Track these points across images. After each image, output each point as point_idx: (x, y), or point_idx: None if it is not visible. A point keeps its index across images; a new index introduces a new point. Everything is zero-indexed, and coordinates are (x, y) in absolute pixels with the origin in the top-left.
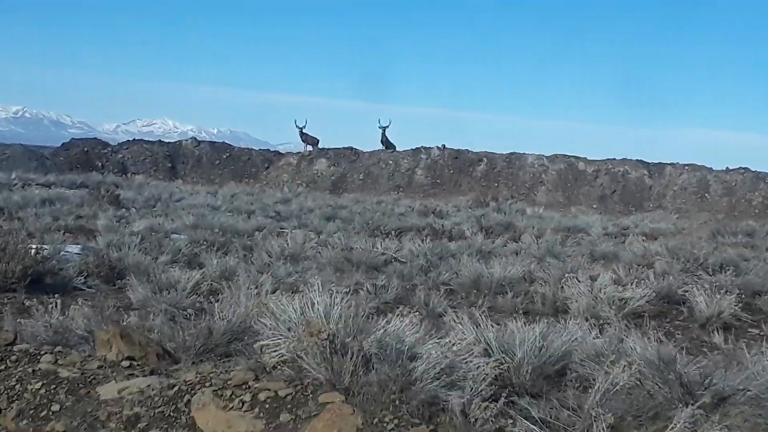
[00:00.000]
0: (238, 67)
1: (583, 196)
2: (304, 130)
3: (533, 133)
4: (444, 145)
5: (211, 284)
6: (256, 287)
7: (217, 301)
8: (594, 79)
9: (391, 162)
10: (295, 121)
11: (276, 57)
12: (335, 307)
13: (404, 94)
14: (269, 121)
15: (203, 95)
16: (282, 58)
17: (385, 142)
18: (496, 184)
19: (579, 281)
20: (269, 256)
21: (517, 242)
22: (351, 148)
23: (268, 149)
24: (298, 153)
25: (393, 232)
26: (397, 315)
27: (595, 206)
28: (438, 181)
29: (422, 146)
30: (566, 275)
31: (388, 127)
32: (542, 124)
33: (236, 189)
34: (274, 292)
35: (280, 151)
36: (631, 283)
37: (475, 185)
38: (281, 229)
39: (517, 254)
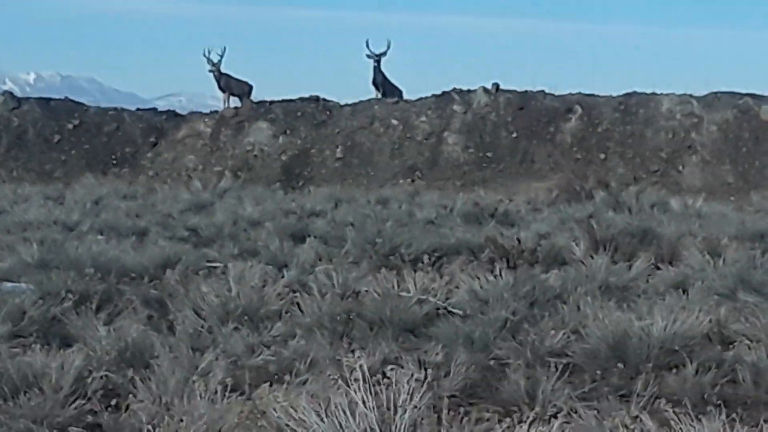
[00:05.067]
0: None
1: None
2: (222, 69)
3: (668, 51)
4: (497, 85)
5: (106, 377)
6: (196, 381)
7: (127, 410)
8: None
9: (395, 122)
10: (206, 53)
11: None
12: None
13: None
14: (147, 56)
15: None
16: None
17: (382, 83)
18: (602, 156)
19: None
20: (199, 316)
21: (672, 266)
22: (317, 99)
23: (154, 109)
24: (213, 113)
25: (427, 258)
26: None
27: None
28: (489, 154)
29: (455, 89)
30: None
31: (385, 54)
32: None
33: (99, 187)
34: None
35: (178, 112)
36: None
37: (563, 159)
38: (209, 262)
39: (681, 290)
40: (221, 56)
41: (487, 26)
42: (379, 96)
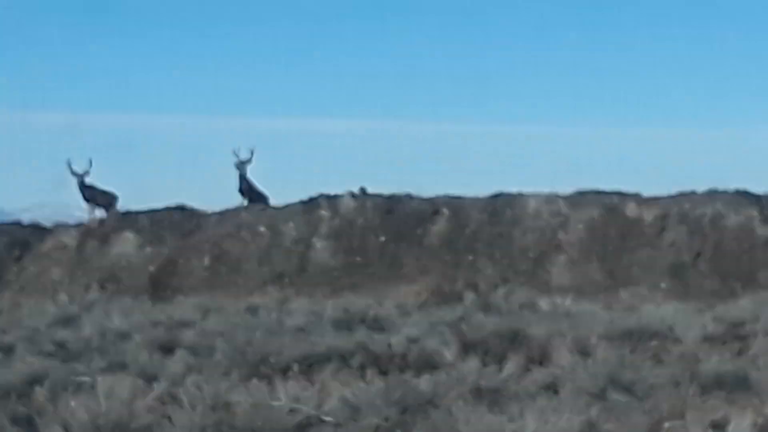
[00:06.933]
0: None
1: (641, 267)
2: (86, 180)
3: (530, 151)
4: (364, 189)
5: None
6: None
7: None
8: None
9: (263, 229)
10: (70, 164)
11: None
12: None
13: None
14: (8, 167)
15: None
16: None
17: (247, 190)
18: (471, 257)
19: None
20: None
21: (543, 366)
22: (182, 209)
23: (19, 222)
24: (79, 225)
25: (297, 366)
26: None
27: (664, 285)
28: (357, 259)
29: (322, 194)
30: (665, 426)
31: (250, 161)
32: (545, 130)
33: None
34: None
35: (44, 224)
36: None
37: (432, 261)
38: (78, 376)
39: (552, 391)
40: (88, 168)
41: (352, 128)
42: (246, 203)
